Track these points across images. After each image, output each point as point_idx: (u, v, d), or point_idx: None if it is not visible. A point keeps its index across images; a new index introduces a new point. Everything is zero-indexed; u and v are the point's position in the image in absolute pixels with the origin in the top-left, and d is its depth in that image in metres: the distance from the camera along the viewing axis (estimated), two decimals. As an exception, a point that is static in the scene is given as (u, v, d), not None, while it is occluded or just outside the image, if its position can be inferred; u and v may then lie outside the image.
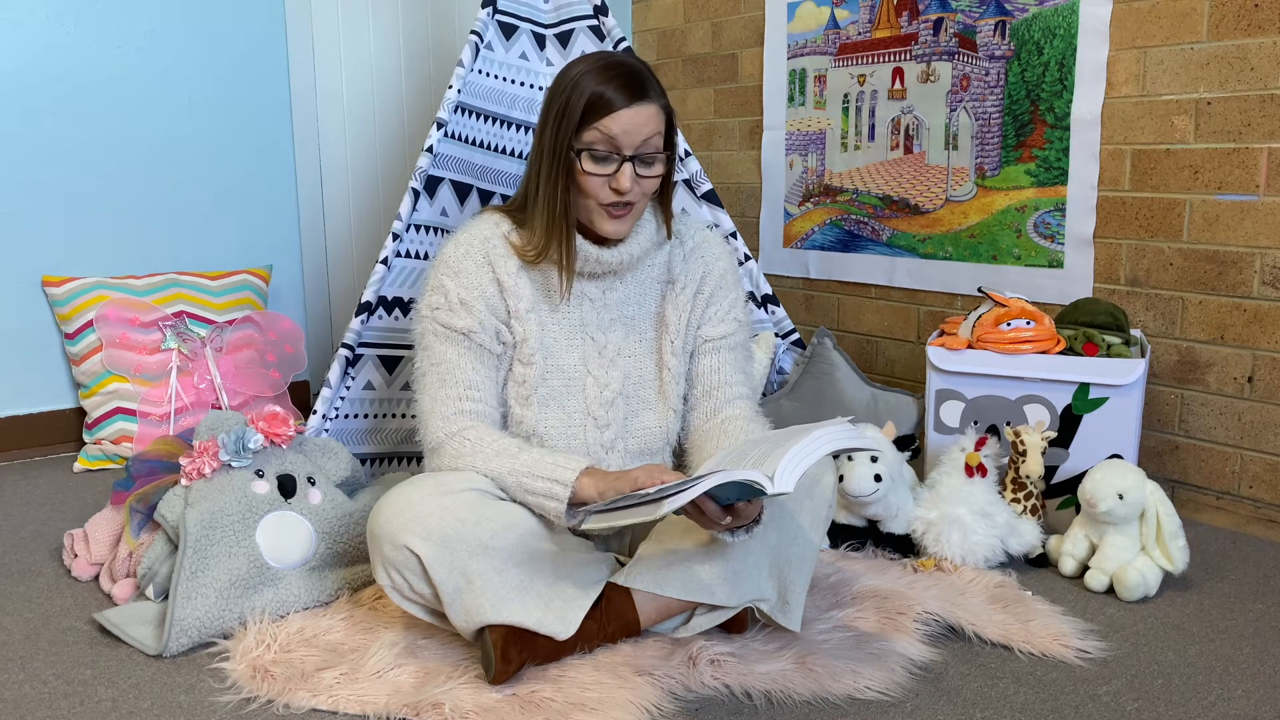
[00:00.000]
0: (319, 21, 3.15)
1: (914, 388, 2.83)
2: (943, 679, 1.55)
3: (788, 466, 1.35)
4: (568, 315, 1.70)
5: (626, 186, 1.57)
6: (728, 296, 1.76)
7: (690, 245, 1.77)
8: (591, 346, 1.70)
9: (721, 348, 1.75)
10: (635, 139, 1.57)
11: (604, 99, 1.56)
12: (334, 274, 3.27)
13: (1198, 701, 1.49)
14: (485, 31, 2.30)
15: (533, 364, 1.67)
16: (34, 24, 2.71)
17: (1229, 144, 2.20)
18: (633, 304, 1.73)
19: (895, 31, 2.81)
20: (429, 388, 1.65)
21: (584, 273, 1.69)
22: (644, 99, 1.57)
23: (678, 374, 1.73)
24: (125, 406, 2.67)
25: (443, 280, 1.66)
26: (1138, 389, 2.05)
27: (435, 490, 1.53)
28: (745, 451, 1.45)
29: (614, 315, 1.72)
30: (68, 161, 2.78)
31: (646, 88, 1.58)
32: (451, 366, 1.64)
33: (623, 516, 1.38)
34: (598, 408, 1.70)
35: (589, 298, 1.71)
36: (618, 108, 1.56)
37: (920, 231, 2.82)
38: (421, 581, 1.51)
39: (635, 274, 1.73)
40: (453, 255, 1.67)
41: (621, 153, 1.57)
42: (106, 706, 1.48)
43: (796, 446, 1.37)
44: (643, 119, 1.57)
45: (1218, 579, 1.94)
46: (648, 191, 1.63)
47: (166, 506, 1.76)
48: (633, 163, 1.58)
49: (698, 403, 1.74)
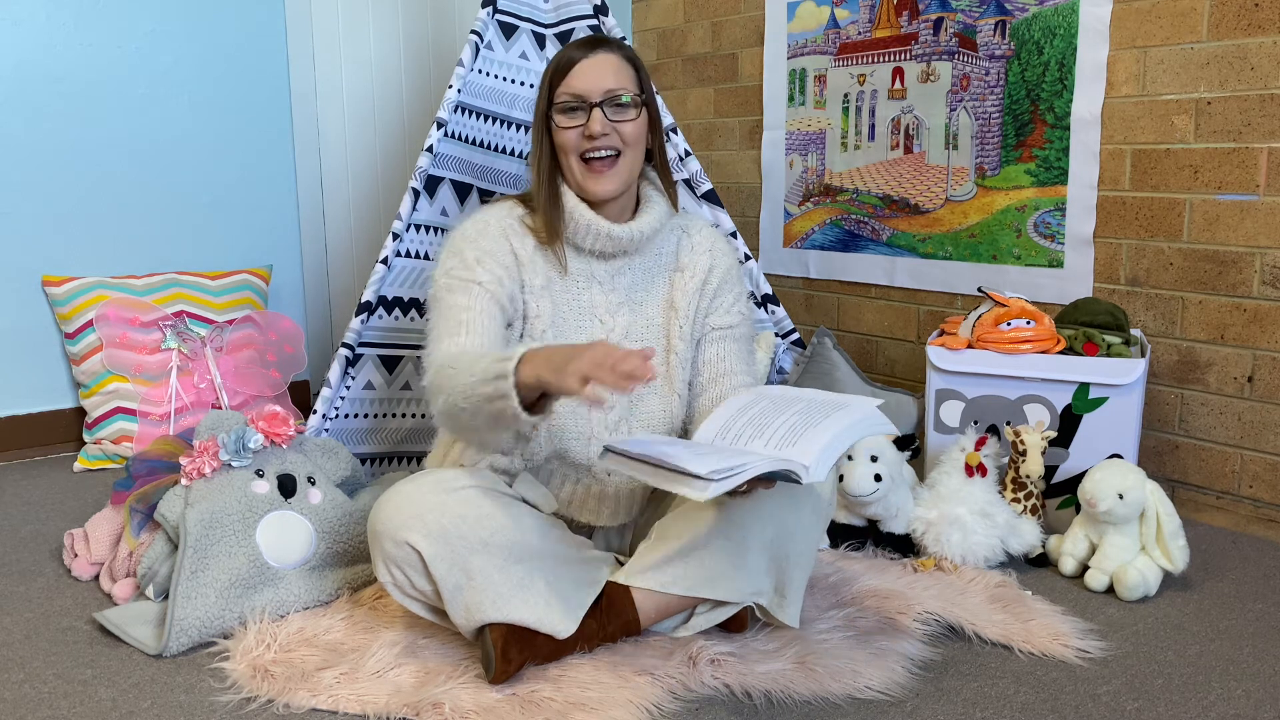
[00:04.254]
0: (319, 21, 3.15)
1: (914, 388, 2.83)
2: (943, 679, 1.55)
3: (823, 456, 1.36)
4: (577, 297, 1.70)
5: (597, 130, 1.61)
6: (733, 290, 1.79)
7: (697, 239, 1.79)
8: (600, 329, 1.71)
9: (728, 337, 1.76)
10: (599, 85, 1.62)
11: (564, 58, 1.65)
12: (334, 274, 3.27)
13: (1198, 701, 1.49)
14: (485, 31, 2.30)
15: (543, 341, 1.66)
16: (34, 24, 2.71)
17: (1229, 144, 2.20)
18: (641, 289, 1.74)
19: (895, 31, 2.81)
20: (434, 334, 1.60)
21: (595, 251, 1.70)
22: (601, 49, 1.65)
23: (685, 359, 1.74)
24: (125, 406, 2.67)
25: (459, 246, 1.66)
26: (1138, 389, 2.05)
27: (436, 487, 1.53)
28: (766, 418, 1.46)
29: (622, 299, 1.73)
30: (68, 161, 2.78)
31: (605, 41, 1.66)
32: (459, 309, 1.59)
33: (654, 477, 1.34)
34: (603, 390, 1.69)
35: (598, 280, 1.71)
36: (576, 61, 1.64)
37: (920, 231, 2.82)
38: (422, 578, 1.51)
39: (644, 259, 1.74)
40: (470, 229, 1.68)
41: (589, 100, 1.62)
42: (106, 706, 1.48)
43: (830, 435, 1.38)
44: (602, 67, 1.63)
45: (1218, 579, 1.94)
46: (628, 139, 1.65)
47: (166, 506, 1.77)
48: (601, 109, 1.62)
49: (704, 389, 1.75)
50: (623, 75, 1.65)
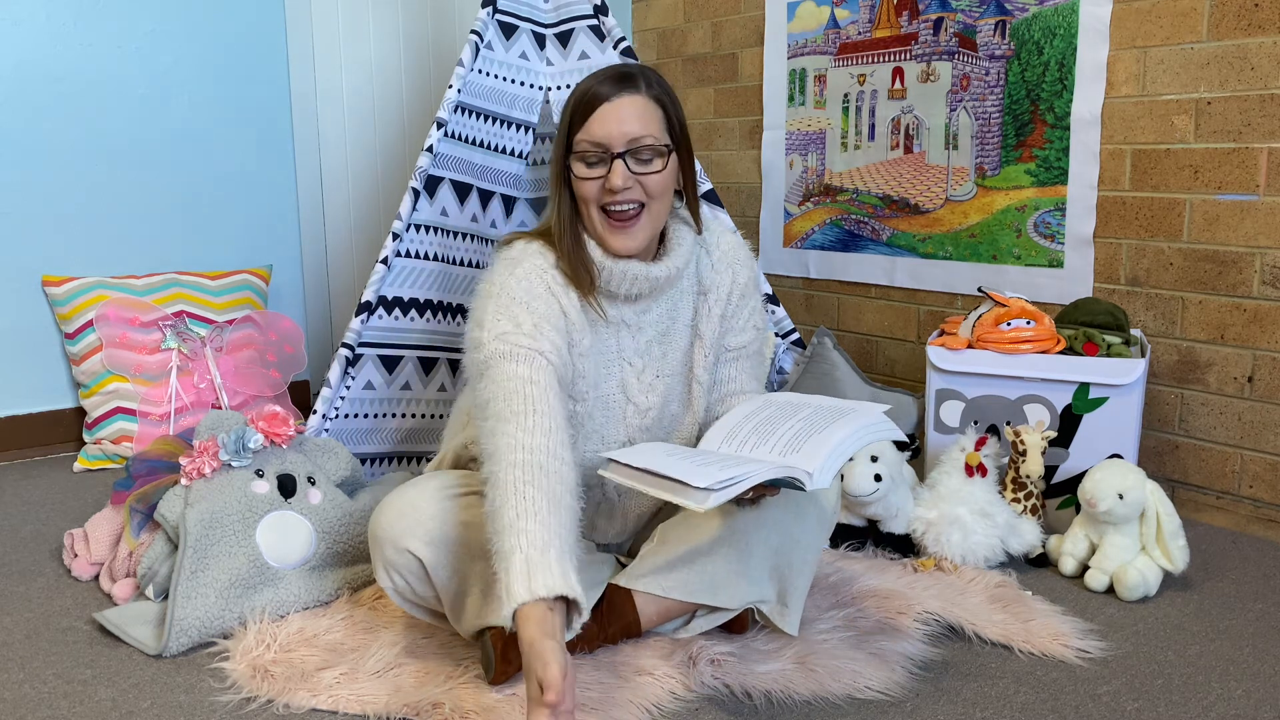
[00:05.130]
0: (319, 21, 3.15)
1: (914, 388, 2.83)
2: (943, 679, 1.55)
3: (828, 464, 1.35)
4: (605, 343, 1.59)
5: (618, 184, 1.47)
6: (749, 304, 1.70)
7: (717, 254, 1.67)
8: (630, 372, 1.62)
9: (740, 356, 1.70)
10: (623, 133, 1.47)
11: (587, 96, 1.49)
12: (334, 274, 3.27)
13: (1198, 701, 1.49)
14: (485, 31, 2.30)
15: (585, 399, 1.57)
16: (34, 24, 2.71)
17: (1229, 144, 2.20)
18: (667, 320, 1.64)
19: (895, 31, 2.81)
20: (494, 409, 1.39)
21: (627, 295, 1.58)
22: (628, 90, 1.48)
23: (706, 386, 1.67)
24: (125, 406, 2.67)
25: (510, 309, 1.47)
26: (1138, 389, 2.05)
27: (438, 493, 1.52)
28: (773, 425, 1.44)
29: (649, 336, 1.62)
30: (68, 161, 2.78)
31: (633, 79, 1.50)
32: (522, 383, 1.40)
33: (654, 488, 1.32)
34: (637, 432, 1.64)
35: (625, 323, 1.60)
36: (600, 102, 1.48)
37: (920, 231, 2.82)
38: (423, 584, 1.51)
39: (669, 289, 1.63)
40: (518, 290, 1.49)
41: (610, 150, 1.48)
42: (106, 706, 1.48)
43: (835, 441, 1.37)
44: (628, 111, 1.47)
45: (1218, 579, 1.94)
46: (652, 191, 1.51)
47: (166, 506, 1.76)
48: (624, 159, 1.48)
49: (712, 408, 1.70)
50: (649, 120, 1.49)
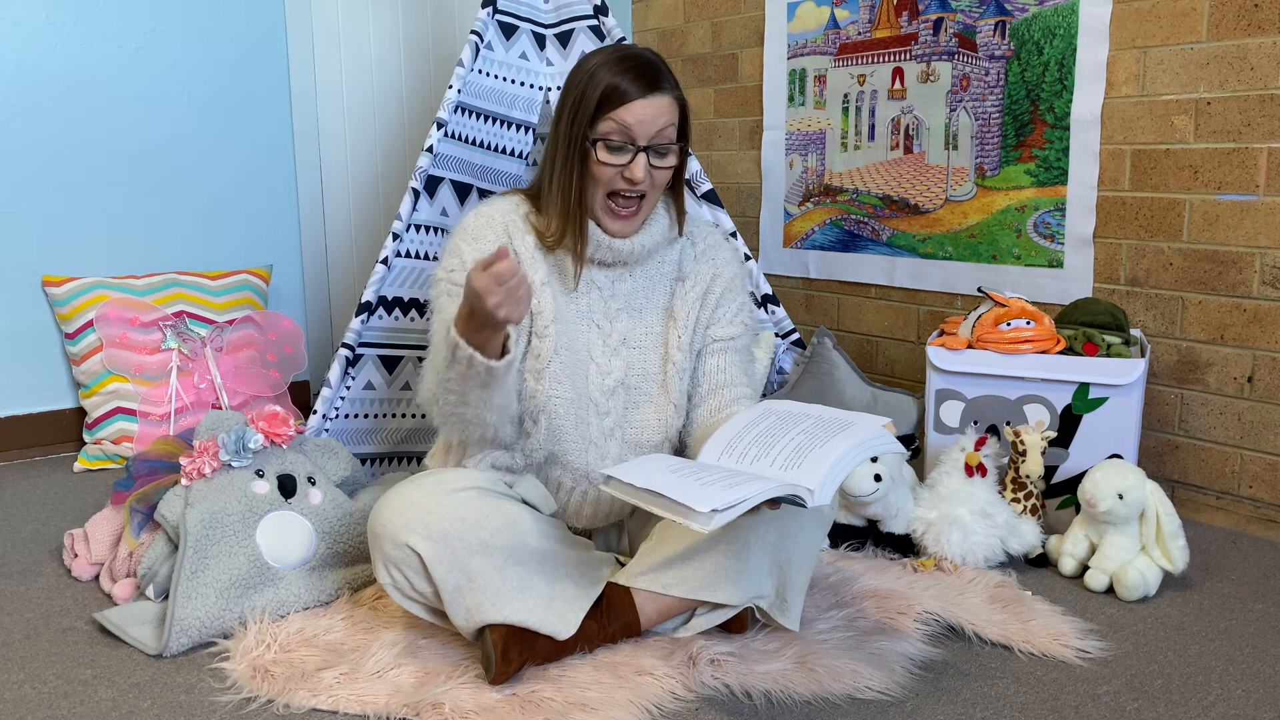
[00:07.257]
0: (319, 21, 3.15)
1: (914, 388, 2.83)
2: (943, 679, 1.55)
3: (829, 479, 1.34)
4: (577, 301, 1.70)
5: (639, 176, 1.59)
6: (735, 300, 1.77)
7: (701, 247, 1.78)
8: (596, 334, 1.70)
9: (729, 349, 1.75)
10: (650, 129, 1.59)
11: (619, 90, 1.58)
12: (334, 274, 3.27)
13: (1198, 701, 1.49)
14: (485, 31, 2.30)
15: (547, 337, 1.65)
16: (34, 24, 2.71)
17: (1229, 144, 2.20)
18: (641, 296, 1.73)
19: (895, 31, 2.81)
20: (432, 344, 1.61)
21: (594, 259, 1.70)
22: (658, 90, 1.60)
23: (683, 369, 1.72)
24: (125, 406, 2.67)
25: (459, 245, 1.67)
26: (1138, 389, 2.05)
27: (436, 489, 1.53)
28: (772, 436, 1.44)
29: (621, 305, 1.72)
30: (68, 161, 2.78)
31: (661, 79, 1.61)
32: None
33: (656, 507, 1.32)
34: (599, 395, 1.70)
35: (598, 286, 1.71)
36: (632, 98, 1.58)
37: (920, 231, 2.82)
38: (422, 580, 1.51)
39: (645, 267, 1.73)
40: (473, 224, 1.68)
41: (636, 143, 1.59)
42: (106, 706, 1.48)
43: (836, 455, 1.36)
44: (657, 109, 1.59)
45: (1218, 579, 1.94)
46: (659, 184, 1.64)
47: (166, 506, 1.76)
48: (647, 153, 1.60)
49: (702, 400, 1.74)
50: (671, 120, 1.62)
